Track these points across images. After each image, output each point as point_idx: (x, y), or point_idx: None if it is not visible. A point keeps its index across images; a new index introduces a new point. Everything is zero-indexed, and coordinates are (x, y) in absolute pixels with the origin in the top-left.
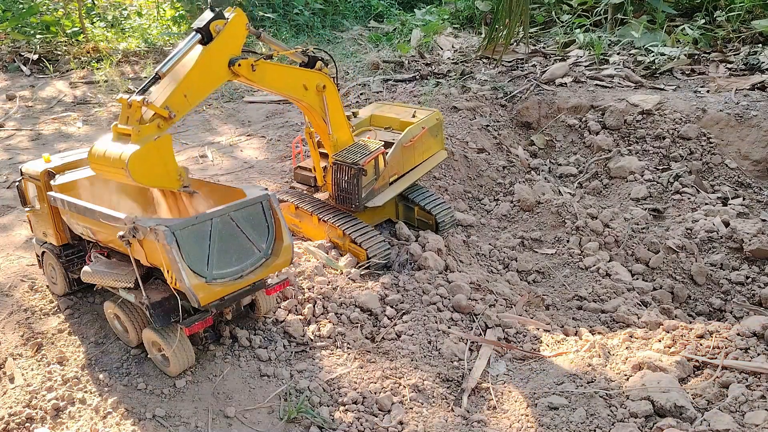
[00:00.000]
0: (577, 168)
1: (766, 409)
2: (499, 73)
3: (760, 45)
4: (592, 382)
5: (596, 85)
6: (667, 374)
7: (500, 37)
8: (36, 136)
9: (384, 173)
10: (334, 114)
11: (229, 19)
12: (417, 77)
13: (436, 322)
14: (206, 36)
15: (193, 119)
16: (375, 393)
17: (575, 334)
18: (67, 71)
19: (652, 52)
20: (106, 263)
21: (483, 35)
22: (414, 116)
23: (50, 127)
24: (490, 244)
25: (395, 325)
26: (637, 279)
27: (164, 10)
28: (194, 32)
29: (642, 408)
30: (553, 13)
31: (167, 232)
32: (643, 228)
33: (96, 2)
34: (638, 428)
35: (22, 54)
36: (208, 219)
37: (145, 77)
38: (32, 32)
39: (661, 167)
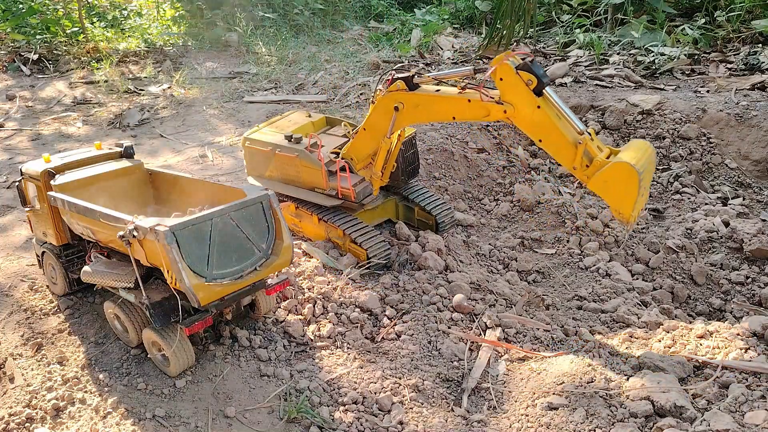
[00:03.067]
0: None
1: (766, 409)
2: None
3: (760, 45)
4: (592, 382)
5: (596, 85)
6: (667, 374)
7: (503, 36)
8: (36, 136)
9: None
10: None
11: None
12: None
13: (436, 322)
14: None
15: (193, 119)
16: (375, 393)
17: (575, 334)
18: (67, 71)
19: (652, 52)
20: (106, 263)
21: (483, 35)
22: (309, 116)
23: (50, 127)
24: (490, 244)
25: (395, 325)
26: (637, 279)
27: (164, 10)
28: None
29: (642, 408)
30: (553, 13)
31: (167, 232)
32: (643, 228)
33: (96, 2)
34: (638, 428)
35: (22, 54)
36: (208, 219)
37: (145, 77)
38: (32, 32)
39: (661, 167)
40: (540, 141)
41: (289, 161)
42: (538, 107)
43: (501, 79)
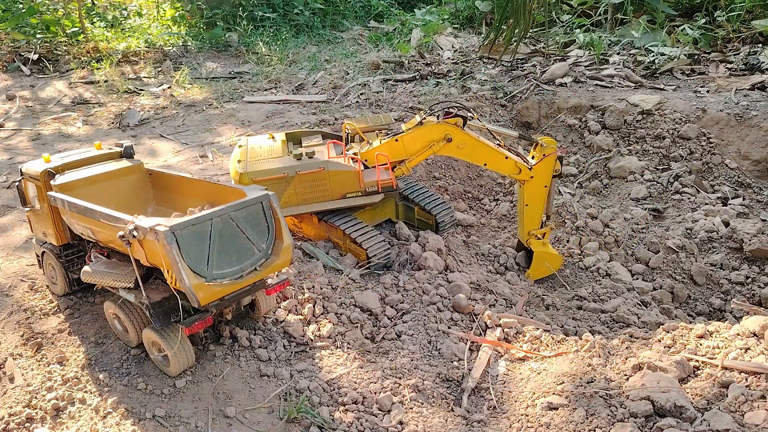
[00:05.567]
0: (577, 168)
1: (766, 409)
2: (499, 73)
3: (760, 45)
4: (592, 382)
5: (596, 85)
6: (667, 374)
7: (507, 36)
8: (36, 136)
9: None
10: None
11: None
12: (417, 77)
13: (436, 322)
14: None
15: (193, 119)
16: (375, 393)
17: (575, 334)
18: (67, 71)
19: (652, 52)
20: (106, 263)
21: (483, 35)
22: (273, 138)
23: (50, 127)
24: (490, 244)
25: (395, 325)
26: (637, 279)
27: (164, 10)
28: None
29: (642, 408)
30: (553, 13)
31: (167, 232)
32: (643, 228)
33: (96, 2)
34: (638, 428)
35: (22, 54)
36: (208, 219)
37: (145, 77)
38: (32, 32)
39: (661, 167)
40: (527, 205)
41: (314, 177)
42: (546, 186)
43: (544, 156)
